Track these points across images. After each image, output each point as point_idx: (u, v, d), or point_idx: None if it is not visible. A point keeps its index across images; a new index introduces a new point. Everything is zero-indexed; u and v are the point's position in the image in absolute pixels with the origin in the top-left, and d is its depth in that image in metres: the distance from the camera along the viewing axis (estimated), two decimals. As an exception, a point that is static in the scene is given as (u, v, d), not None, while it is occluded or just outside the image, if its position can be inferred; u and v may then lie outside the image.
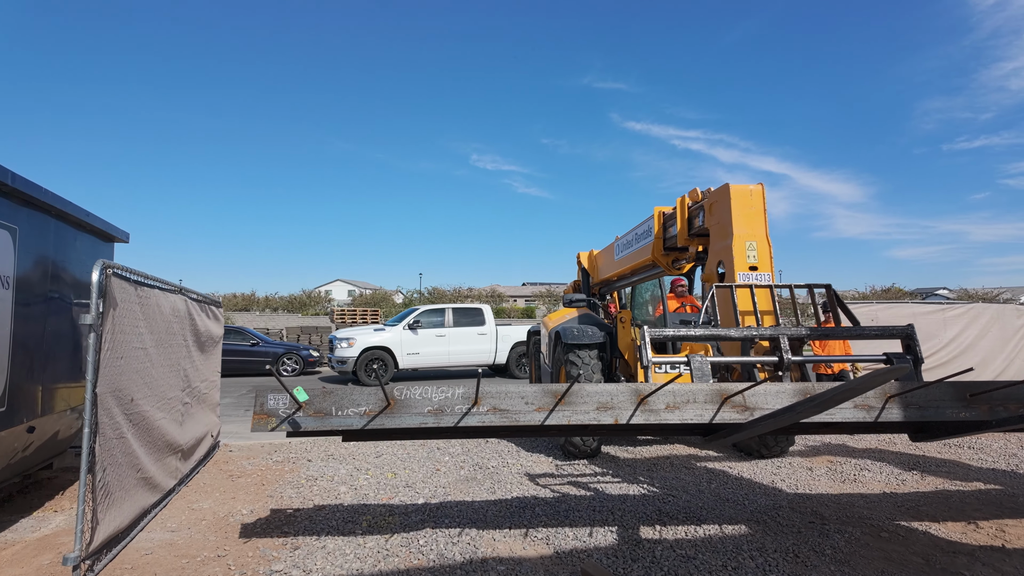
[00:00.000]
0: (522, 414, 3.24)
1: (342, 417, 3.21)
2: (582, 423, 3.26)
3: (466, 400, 3.25)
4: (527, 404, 3.26)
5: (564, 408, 3.25)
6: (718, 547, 3.80)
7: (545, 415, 3.24)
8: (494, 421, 3.24)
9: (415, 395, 3.25)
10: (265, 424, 3.19)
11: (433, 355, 14.38)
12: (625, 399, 3.27)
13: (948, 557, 3.59)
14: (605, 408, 3.26)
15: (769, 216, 4.79)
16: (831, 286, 4.38)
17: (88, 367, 3.30)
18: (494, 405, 3.25)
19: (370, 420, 3.21)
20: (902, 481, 5.37)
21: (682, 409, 3.27)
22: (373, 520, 4.47)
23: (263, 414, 3.20)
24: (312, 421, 3.21)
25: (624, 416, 3.25)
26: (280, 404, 3.20)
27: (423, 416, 3.23)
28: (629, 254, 7.36)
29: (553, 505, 4.74)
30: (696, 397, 3.28)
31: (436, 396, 3.25)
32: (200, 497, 5.08)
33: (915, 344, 4.02)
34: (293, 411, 3.20)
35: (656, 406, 3.26)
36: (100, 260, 3.41)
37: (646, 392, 3.26)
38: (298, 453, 6.75)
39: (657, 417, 3.25)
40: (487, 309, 15.32)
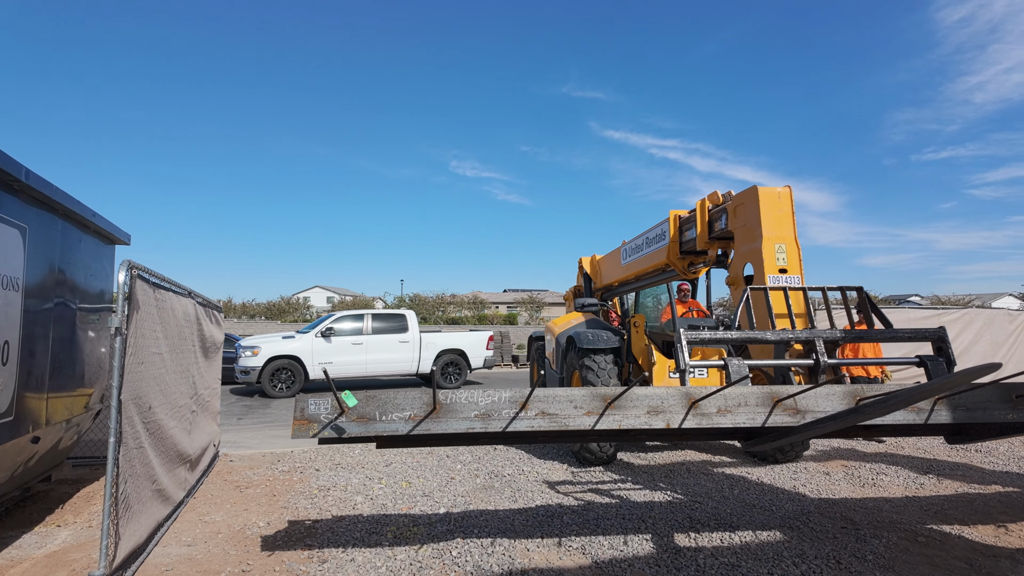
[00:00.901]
0: (571, 418, 3.15)
1: (387, 422, 3.08)
2: (633, 427, 3.17)
3: (513, 404, 3.15)
4: (576, 408, 3.17)
5: (614, 412, 3.17)
6: (758, 554, 3.74)
7: (595, 419, 3.16)
8: (542, 426, 3.14)
9: (461, 399, 3.14)
10: (307, 430, 3.05)
11: (348, 364, 13.43)
12: (676, 403, 3.20)
13: (990, 561, 3.58)
14: (656, 412, 3.18)
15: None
16: (863, 288, 4.38)
17: (114, 372, 3.12)
18: (542, 409, 3.15)
19: (416, 425, 3.08)
20: (920, 485, 5.39)
21: (734, 413, 3.20)
22: (398, 531, 4.33)
23: (304, 419, 3.05)
24: (356, 426, 3.07)
25: (676, 420, 3.17)
26: (322, 409, 3.06)
27: (470, 421, 3.12)
28: (639, 258, 7.33)
29: (580, 513, 4.65)
30: (748, 400, 3.23)
31: (482, 400, 3.14)
32: (210, 509, 4.87)
33: (947, 346, 4.02)
34: (336, 416, 3.06)
35: (708, 410, 3.20)
36: (126, 261, 3.25)
37: (697, 396, 3.20)
38: (303, 463, 6.56)
39: (709, 421, 3.18)
40: (411, 315, 14.51)
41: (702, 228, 5.63)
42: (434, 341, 14.53)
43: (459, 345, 14.76)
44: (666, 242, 6.40)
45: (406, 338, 14.18)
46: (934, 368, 3.96)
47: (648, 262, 7.00)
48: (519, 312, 57.93)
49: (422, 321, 43.21)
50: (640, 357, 6.69)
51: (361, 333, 13.84)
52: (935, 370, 3.96)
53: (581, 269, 9.64)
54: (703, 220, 5.63)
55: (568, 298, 10.62)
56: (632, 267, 7.62)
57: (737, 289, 4.96)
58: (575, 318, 8.27)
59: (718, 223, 5.47)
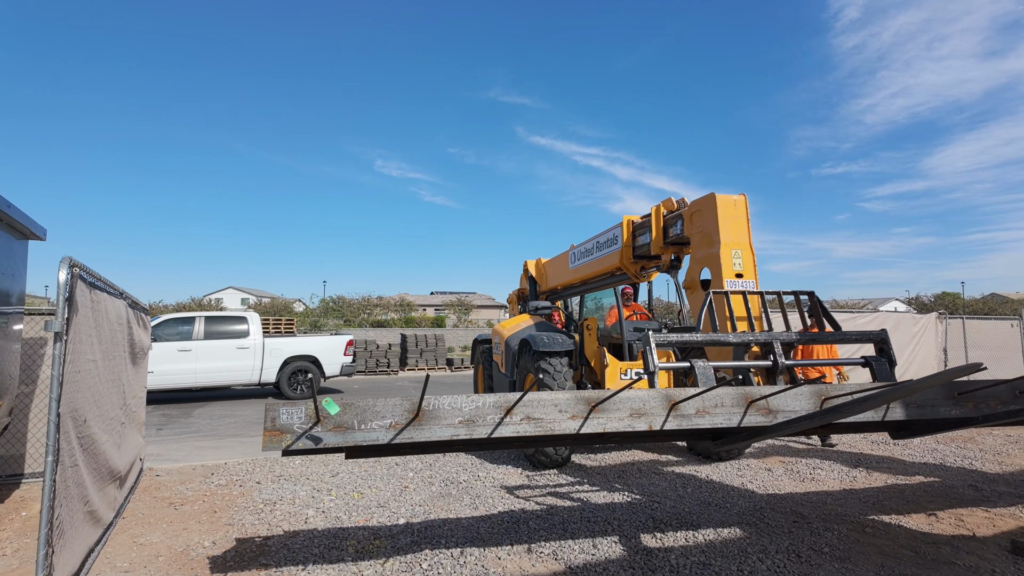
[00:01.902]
0: (556, 423, 3.11)
1: (366, 431, 2.92)
2: (617, 430, 3.18)
3: (498, 409, 3.07)
4: (561, 412, 3.13)
5: (598, 415, 3.16)
6: (724, 552, 3.85)
7: (580, 423, 3.13)
8: (528, 431, 3.08)
9: (443, 405, 3.02)
10: (278, 441, 2.83)
11: (171, 374, 11.95)
12: (657, 405, 3.23)
13: (933, 548, 3.86)
14: (639, 415, 3.20)
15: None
16: (814, 293, 4.62)
17: (52, 383, 2.78)
18: (527, 414, 3.09)
19: (397, 433, 2.94)
20: (853, 478, 5.75)
21: (712, 414, 3.28)
22: (359, 544, 4.13)
23: (275, 430, 2.83)
24: (333, 436, 2.89)
25: (658, 422, 3.20)
26: (295, 418, 2.86)
27: (453, 428, 3.01)
28: (589, 262, 7.42)
29: (544, 518, 4.62)
30: (724, 401, 3.31)
31: (466, 406, 3.04)
32: (144, 530, 4.46)
33: (888, 347, 4.31)
34: (310, 426, 2.86)
35: (687, 411, 3.25)
36: (66, 258, 2.90)
37: (677, 398, 3.25)
38: (241, 476, 6.15)
39: (689, 422, 3.24)
40: (253, 317, 13.20)
41: (657, 233, 5.76)
42: (280, 347, 13.24)
43: (310, 351, 13.58)
44: (619, 246, 6.52)
45: (246, 344, 12.80)
46: (878, 368, 4.23)
47: (599, 265, 7.10)
48: (447, 315, 57.44)
49: (345, 323, 41.87)
50: (592, 359, 6.76)
51: (190, 338, 12.38)
52: (879, 370, 4.23)
53: (526, 272, 9.66)
54: (658, 225, 5.76)
55: (512, 301, 10.61)
56: (581, 270, 7.71)
57: (693, 293, 5.09)
58: (524, 321, 8.26)
59: (673, 228, 5.61)
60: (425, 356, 20.45)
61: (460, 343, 31.38)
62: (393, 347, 20.16)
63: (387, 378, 18.68)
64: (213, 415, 10.85)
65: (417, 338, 20.66)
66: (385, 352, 19.78)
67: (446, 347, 21.67)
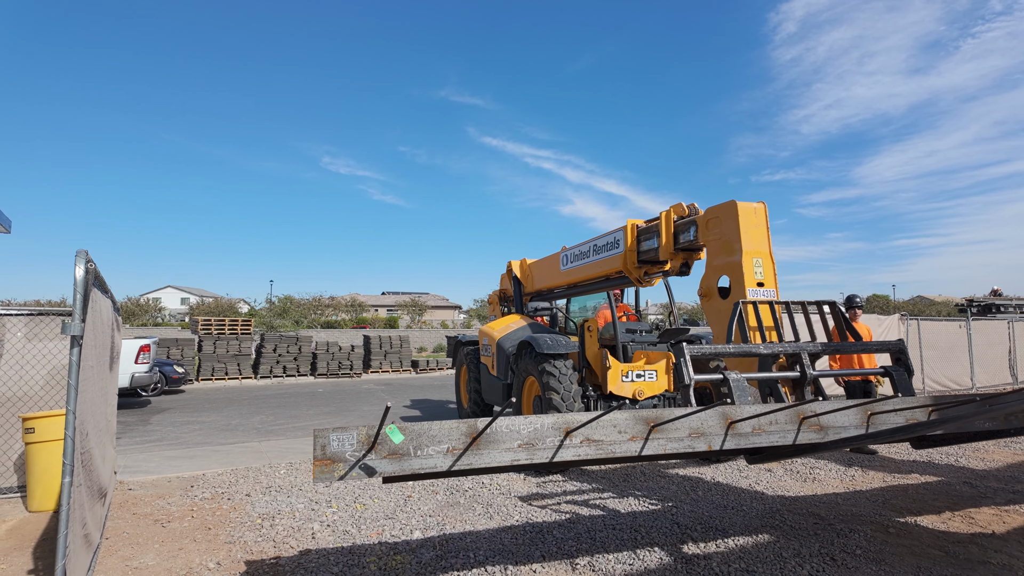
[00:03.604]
0: (617, 444, 2.98)
1: (423, 457, 2.69)
2: (677, 451, 3.09)
3: (557, 431, 2.90)
4: (620, 433, 3.00)
5: (658, 436, 3.05)
6: (762, 557, 3.80)
7: (641, 444, 3.01)
8: (589, 454, 2.94)
9: (501, 427, 2.83)
10: (330, 472, 2.57)
11: None
12: (715, 424, 3.16)
13: (961, 547, 3.92)
14: (698, 435, 3.12)
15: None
16: (836, 303, 4.64)
17: (69, 393, 2.44)
18: (587, 436, 2.95)
19: (456, 459, 2.73)
20: (852, 477, 5.86)
21: (768, 432, 3.24)
22: (380, 561, 3.87)
23: (326, 459, 2.57)
24: (389, 464, 2.65)
25: (717, 442, 3.14)
26: (347, 446, 2.60)
27: (513, 452, 2.82)
28: (584, 265, 7.32)
29: (567, 527, 4.47)
30: (778, 419, 3.26)
31: (525, 428, 2.86)
32: (134, 551, 4.06)
33: (905, 356, 4.38)
34: (363, 453, 2.62)
35: (744, 430, 3.20)
36: (82, 252, 2.56)
37: (735, 417, 3.17)
38: (226, 488, 5.74)
39: (747, 441, 3.19)
40: (8, 324, 10.42)
41: (667, 239, 5.68)
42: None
43: None
44: (620, 250, 6.42)
45: None
46: (898, 377, 4.29)
47: (597, 269, 7.01)
48: (400, 315, 56.55)
49: (294, 324, 40.45)
50: (594, 362, 6.67)
51: None
52: (899, 379, 4.28)
53: (510, 272, 9.49)
54: (668, 231, 5.68)
55: (493, 301, 10.43)
56: (574, 273, 7.61)
57: (710, 301, 5.00)
58: (514, 322, 8.10)
59: (684, 234, 5.54)
60: (389, 358, 19.97)
61: (416, 345, 30.86)
62: (356, 348, 19.60)
63: (350, 381, 18.13)
64: (174, 422, 10.20)
65: (381, 340, 20.15)
66: (348, 354, 19.20)
67: (411, 349, 21.22)
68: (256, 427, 9.62)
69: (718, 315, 4.85)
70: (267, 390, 15.61)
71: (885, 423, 3.47)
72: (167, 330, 25.82)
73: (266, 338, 18.54)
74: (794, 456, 3.59)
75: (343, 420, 10.23)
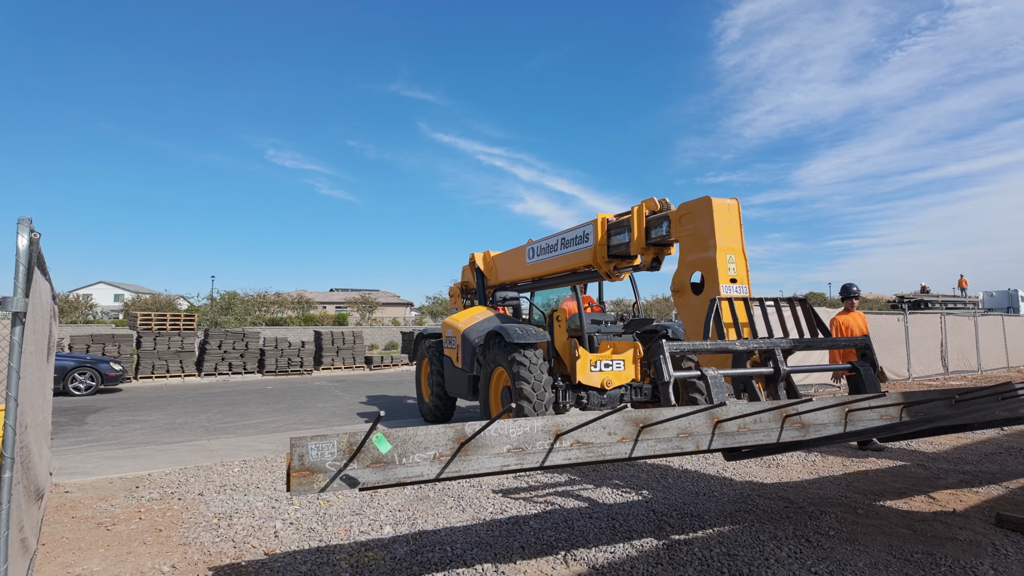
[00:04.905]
0: (607, 446, 2.91)
1: (409, 465, 2.54)
2: (666, 452, 3.06)
3: (547, 434, 2.81)
4: (610, 435, 2.93)
5: (647, 437, 3.00)
6: (741, 541, 3.81)
7: (631, 446, 2.96)
8: (580, 457, 2.86)
9: (490, 432, 2.71)
10: (310, 483, 2.38)
11: None
12: (703, 424, 3.14)
13: (926, 525, 4.04)
14: (686, 434, 3.10)
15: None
16: (806, 300, 4.70)
17: (10, 376, 2.16)
18: (577, 439, 2.86)
19: (444, 467, 2.59)
20: (813, 463, 6.01)
21: (753, 431, 3.25)
22: (352, 559, 3.68)
23: (304, 470, 2.38)
24: (372, 473, 2.48)
25: (704, 442, 3.13)
26: (326, 454, 2.42)
27: (503, 457, 2.71)
28: (551, 259, 7.23)
29: (544, 518, 4.38)
30: (762, 418, 3.27)
31: (514, 432, 2.74)
32: (76, 557, 3.73)
33: (871, 352, 4.47)
34: (345, 462, 2.44)
35: (729, 429, 3.19)
36: (25, 219, 2.27)
37: (721, 417, 3.15)
38: (175, 487, 5.39)
39: (733, 440, 3.20)
40: None
41: (639, 234, 5.64)
42: None
43: None
44: (590, 244, 6.36)
45: None
46: (864, 373, 4.37)
47: (565, 263, 6.93)
48: (350, 312, 55.33)
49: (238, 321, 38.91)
50: (563, 352, 6.61)
51: None
52: (865, 375, 4.37)
53: (473, 264, 9.33)
54: (640, 226, 5.64)
55: (454, 294, 10.24)
56: (541, 267, 7.51)
57: (683, 296, 4.97)
58: (480, 313, 7.96)
59: (656, 230, 5.50)
60: (342, 354, 19.43)
61: (367, 342, 30.16)
62: (307, 345, 18.98)
63: (301, 378, 17.54)
64: (112, 421, 9.57)
65: (333, 336, 19.59)
66: (298, 351, 18.57)
67: (365, 345, 20.72)
68: (204, 425, 9.13)
69: (691, 311, 4.83)
70: (213, 388, 14.91)
71: (862, 419, 3.53)
72: (100, 328, 24.37)
73: (211, 334, 17.73)
74: (774, 453, 3.61)
75: (297, 417, 9.84)
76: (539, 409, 5.84)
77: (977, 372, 15.80)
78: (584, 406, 6.42)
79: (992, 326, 17.12)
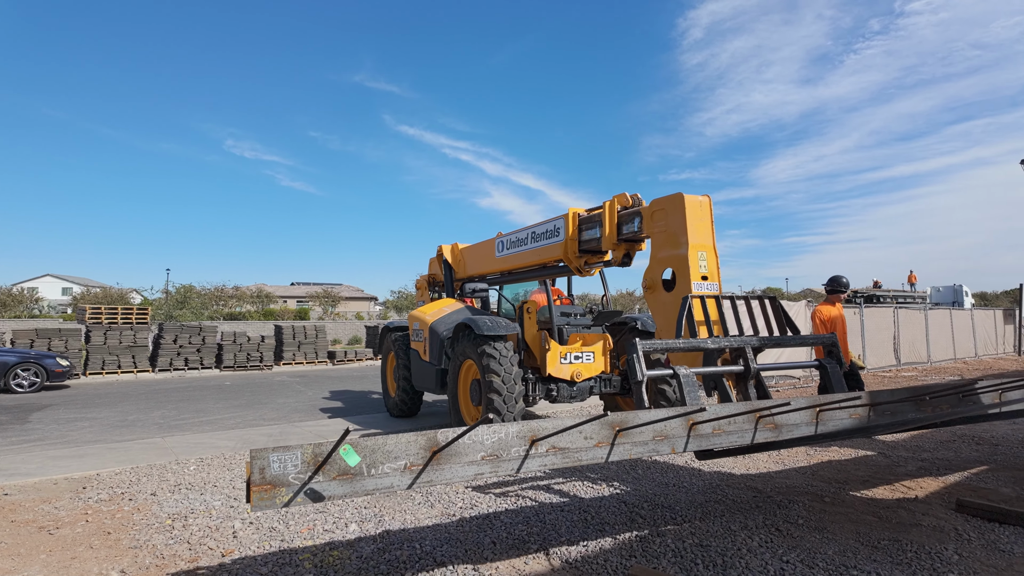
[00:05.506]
0: (584, 451, 2.84)
1: (378, 476, 2.41)
2: (642, 456, 3.01)
3: (522, 440, 2.71)
4: (587, 440, 2.86)
5: (624, 441, 2.94)
6: (712, 531, 3.80)
7: (607, 450, 2.89)
8: (556, 463, 2.78)
9: (464, 439, 2.60)
10: (272, 497, 2.22)
11: None
12: (678, 426, 3.09)
13: (890, 512, 4.11)
14: (662, 437, 3.04)
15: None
16: (776, 298, 4.72)
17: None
18: (553, 444, 2.78)
19: (416, 478, 2.47)
20: (778, 453, 6.08)
21: (727, 432, 3.22)
22: (316, 558, 3.52)
23: (266, 483, 2.22)
24: (339, 487, 2.34)
25: (680, 444, 3.08)
26: (289, 467, 2.27)
27: (477, 465, 2.60)
28: (521, 252, 7.15)
29: (515, 512, 4.29)
30: (736, 420, 3.25)
31: (488, 439, 2.64)
32: (15, 563, 3.48)
33: (837, 350, 4.51)
34: (309, 475, 2.30)
35: (704, 431, 3.16)
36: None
37: (697, 419, 3.12)
38: (125, 488, 5.12)
39: (707, 442, 3.17)
40: None
41: (611, 230, 5.58)
42: None
43: None
44: (561, 239, 6.28)
45: None
46: (831, 370, 4.40)
47: (535, 257, 6.85)
48: (312, 307, 54.25)
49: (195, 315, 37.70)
50: (533, 344, 6.53)
51: None
52: (832, 372, 4.40)
53: (440, 256, 9.18)
54: (612, 221, 5.58)
55: (421, 287, 10.07)
56: (510, 260, 7.42)
57: (654, 293, 4.93)
58: (448, 306, 7.82)
59: (628, 225, 5.46)
60: (304, 349, 18.96)
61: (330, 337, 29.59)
62: (267, 339, 18.47)
63: (261, 373, 17.06)
64: (58, 419, 9.08)
65: (295, 330, 19.09)
66: (257, 345, 18.04)
67: (328, 339, 20.27)
68: (157, 422, 8.74)
69: (663, 307, 4.80)
70: (168, 384, 14.35)
71: (832, 419, 3.55)
72: (47, 322, 23.25)
73: (165, 328, 17.06)
74: (748, 453, 3.61)
75: (257, 413, 9.53)
76: (509, 402, 5.76)
77: (927, 364, 16.41)
78: (554, 398, 6.36)
79: (941, 319, 17.82)
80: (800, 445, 3.43)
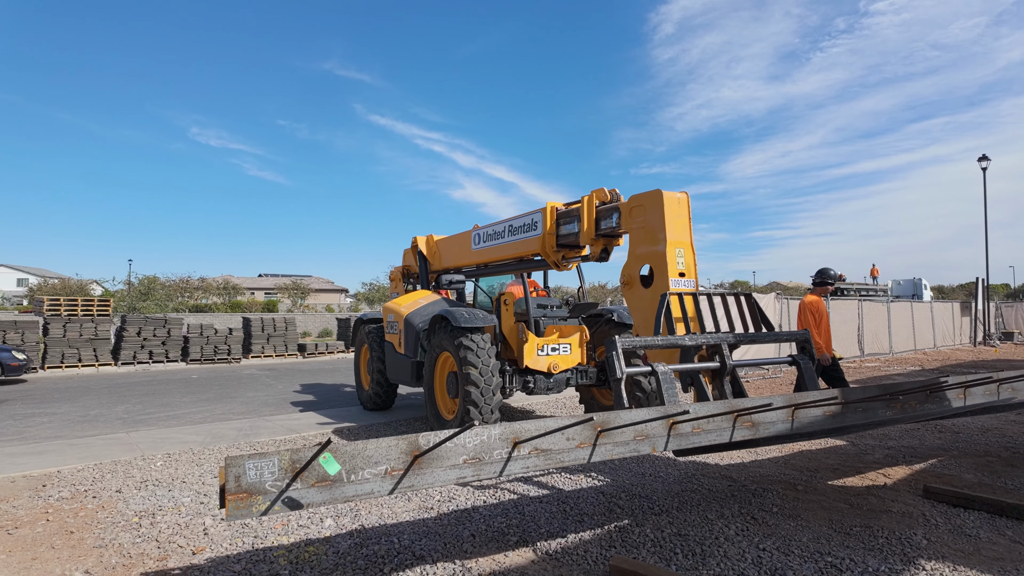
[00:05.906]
0: (566, 452, 2.83)
1: (358, 483, 2.35)
2: (623, 456, 3.03)
3: (504, 442, 2.69)
4: (569, 441, 2.85)
5: (605, 441, 2.94)
6: (690, 520, 3.84)
7: (589, 451, 2.89)
8: (539, 465, 2.77)
9: (446, 444, 2.56)
10: (248, 506, 2.15)
11: None
12: (658, 426, 3.11)
13: (861, 499, 4.20)
14: (643, 437, 3.06)
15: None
16: (751, 295, 4.77)
17: None
18: (535, 446, 2.76)
19: (396, 483, 2.42)
20: (751, 443, 6.19)
21: (706, 431, 3.25)
22: (292, 556, 3.44)
23: (242, 492, 2.14)
24: (318, 494, 2.28)
25: (661, 444, 3.11)
26: (266, 475, 2.19)
27: (459, 469, 2.57)
28: (497, 245, 7.08)
29: (494, 505, 4.27)
30: (714, 418, 3.27)
31: (471, 442, 2.60)
32: (-29, 567, 3.31)
33: (810, 346, 4.58)
34: (287, 483, 2.23)
35: (684, 430, 3.18)
36: None
37: (677, 419, 3.13)
38: (88, 485, 4.94)
39: (687, 441, 3.19)
40: None
41: (589, 225, 5.56)
42: None
43: None
44: (539, 232, 6.24)
45: None
46: (804, 366, 4.47)
47: (512, 250, 6.79)
48: (280, 299, 53.28)
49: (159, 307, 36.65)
50: (510, 336, 6.50)
51: None
52: (805, 367, 4.47)
53: (415, 248, 9.05)
54: (590, 216, 5.56)
55: (395, 278, 9.93)
56: (487, 253, 7.36)
57: (631, 289, 4.93)
58: (423, 298, 7.73)
59: (606, 221, 5.44)
60: (273, 342, 18.61)
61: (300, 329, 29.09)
62: (235, 332, 18.07)
63: (229, 366, 16.69)
64: (14, 415, 8.73)
65: (264, 322, 18.72)
66: (225, 338, 17.63)
67: (297, 332, 19.93)
68: (121, 417, 8.47)
69: (640, 303, 4.81)
70: (131, 377, 13.93)
71: (807, 417, 3.61)
72: (1, 314, 22.35)
73: (128, 320, 16.56)
74: (726, 451, 3.64)
75: (226, 407, 9.31)
76: (487, 394, 5.72)
77: (889, 354, 16.92)
78: (531, 390, 6.35)
79: (902, 312, 18.38)
80: (776, 443, 3.48)
